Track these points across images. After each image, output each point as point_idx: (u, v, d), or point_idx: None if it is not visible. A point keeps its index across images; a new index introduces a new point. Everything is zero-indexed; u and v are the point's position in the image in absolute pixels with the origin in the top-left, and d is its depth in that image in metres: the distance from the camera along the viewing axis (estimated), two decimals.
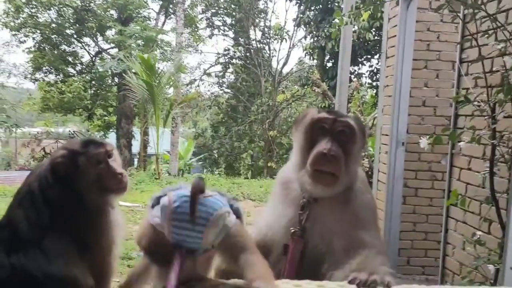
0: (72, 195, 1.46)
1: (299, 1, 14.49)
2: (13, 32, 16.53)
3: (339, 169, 1.55)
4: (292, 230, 1.63)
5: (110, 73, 16.28)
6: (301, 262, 1.60)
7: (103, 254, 1.50)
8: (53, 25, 16.55)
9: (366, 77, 14.15)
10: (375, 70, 13.72)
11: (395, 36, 4.29)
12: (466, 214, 2.97)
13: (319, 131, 1.60)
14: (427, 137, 2.44)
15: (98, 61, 17.23)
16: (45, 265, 1.36)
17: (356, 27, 10.48)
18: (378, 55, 13.15)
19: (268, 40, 18.78)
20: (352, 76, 12.79)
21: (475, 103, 2.19)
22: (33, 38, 16.84)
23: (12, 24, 16.28)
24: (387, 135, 4.37)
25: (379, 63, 13.19)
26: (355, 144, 1.60)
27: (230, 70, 19.29)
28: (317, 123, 1.61)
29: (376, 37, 12.19)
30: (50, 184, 1.45)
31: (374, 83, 13.60)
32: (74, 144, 1.52)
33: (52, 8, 16.57)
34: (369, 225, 1.59)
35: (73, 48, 17.67)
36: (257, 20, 18.72)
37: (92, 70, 17.05)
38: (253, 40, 18.63)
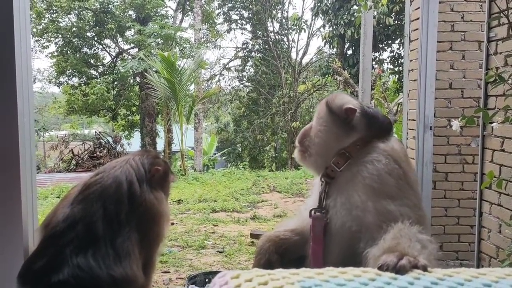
0: (147, 195, 1.55)
1: None
2: (36, 38, 16.87)
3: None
4: (311, 209, 1.68)
5: (131, 73, 16.45)
6: (325, 239, 1.62)
7: (156, 249, 1.55)
8: (74, 29, 16.80)
9: (387, 62, 13.93)
10: (396, 55, 13.48)
11: (418, 18, 4.19)
12: (501, 196, 2.90)
13: None
14: (459, 119, 2.38)
15: (119, 61, 17.43)
16: (114, 265, 1.38)
17: (375, 13, 10.33)
18: (399, 40, 12.91)
19: (286, 31, 18.67)
20: (374, 63, 12.61)
21: (509, 81, 2.13)
22: (55, 43, 17.14)
23: (34, 30, 16.61)
24: (414, 120, 4.30)
25: (400, 48, 12.98)
26: (317, 120, 1.75)
27: (250, 63, 19.26)
28: None
29: (396, 22, 11.98)
30: (140, 181, 1.54)
31: (396, 69, 13.38)
32: (160, 157, 1.83)
33: (72, 12, 16.82)
34: (392, 193, 1.52)
35: (94, 50, 17.92)
36: (274, 12, 18.61)
37: (114, 71, 17.27)
38: (271, 32, 18.55)
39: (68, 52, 17.11)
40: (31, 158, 1.65)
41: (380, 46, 13.24)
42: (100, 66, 18.12)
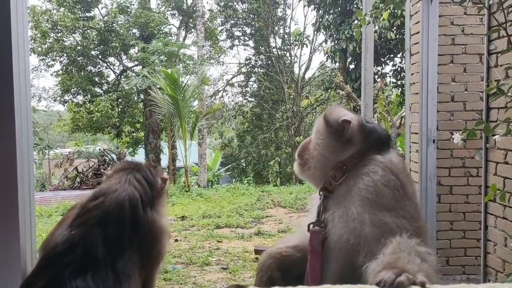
0: (150, 215, 1.52)
1: (317, 6, 14.47)
2: (41, 57, 17.07)
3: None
4: (309, 223, 1.66)
5: (135, 90, 16.59)
6: (323, 253, 1.61)
7: (157, 268, 1.53)
8: (79, 47, 17.02)
9: (390, 76, 13.97)
10: (399, 69, 13.52)
11: (418, 32, 4.21)
12: (506, 209, 2.87)
13: None
14: (460, 132, 2.37)
15: (123, 79, 17.59)
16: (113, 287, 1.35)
17: (377, 27, 10.40)
18: (401, 53, 12.97)
19: (288, 46, 18.82)
20: (376, 77, 12.65)
21: (509, 94, 2.12)
22: (60, 62, 17.36)
23: (39, 49, 16.83)
24: (416, 133, 4.29)
25: (403, 62, 13.02)
26: (315, 133, 1.76)
27: (253, 79, 19.38)
28: None
29: (398, 36, 12.04)
30: (144, 202, 1.52)
31: (399, 82, 13.41)
32: (160, 170, 1.76)
33: (76, 31, 17.07)
34: (389, 205, 1.50)
35: (99, 68, 18.13)
36: (276, 28, 18.78)
37: (118, 89, 17.42)
38: (273, 47, 18.70)
39: (73, 70, 17.31)
40: (29, 178, 1.64)
41: (382, 60, 13.29)
42: (105, 84, 18.30)
